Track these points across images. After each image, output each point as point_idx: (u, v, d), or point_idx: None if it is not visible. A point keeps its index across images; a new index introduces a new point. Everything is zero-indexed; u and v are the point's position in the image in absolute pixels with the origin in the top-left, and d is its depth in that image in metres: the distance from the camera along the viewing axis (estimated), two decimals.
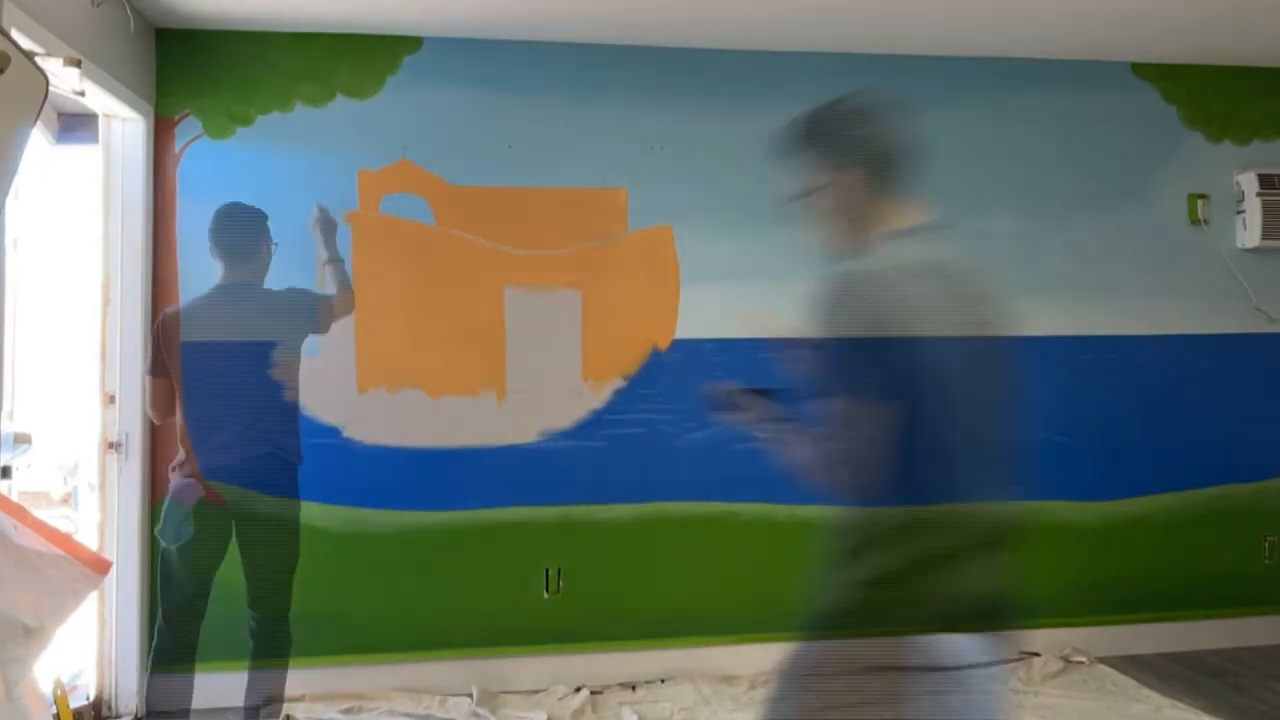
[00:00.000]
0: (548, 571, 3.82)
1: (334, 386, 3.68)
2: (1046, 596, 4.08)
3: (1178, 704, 3.50)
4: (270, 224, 3.69)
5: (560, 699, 3.60)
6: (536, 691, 3.68)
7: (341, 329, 3.69)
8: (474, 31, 3.75)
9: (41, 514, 2.59)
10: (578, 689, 3.66)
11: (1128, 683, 3.71)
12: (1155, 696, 3.57)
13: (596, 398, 3.84)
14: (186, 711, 3.26)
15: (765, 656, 3.85)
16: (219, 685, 3.58)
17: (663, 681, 3.74)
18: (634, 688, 3.70)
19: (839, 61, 4.01)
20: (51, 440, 4.13)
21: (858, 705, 1.77)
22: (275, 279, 3.34)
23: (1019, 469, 2.13)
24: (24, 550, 2.40)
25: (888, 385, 1.67)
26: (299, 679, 3.62)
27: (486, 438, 3.77)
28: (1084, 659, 3.88)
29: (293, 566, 3.23)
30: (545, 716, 3.46)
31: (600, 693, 3.67)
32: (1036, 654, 3.92)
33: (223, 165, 3.66)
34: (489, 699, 3.59)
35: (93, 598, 3.05)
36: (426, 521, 3.73)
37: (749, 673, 3.81)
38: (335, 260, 3.40)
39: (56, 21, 2.82)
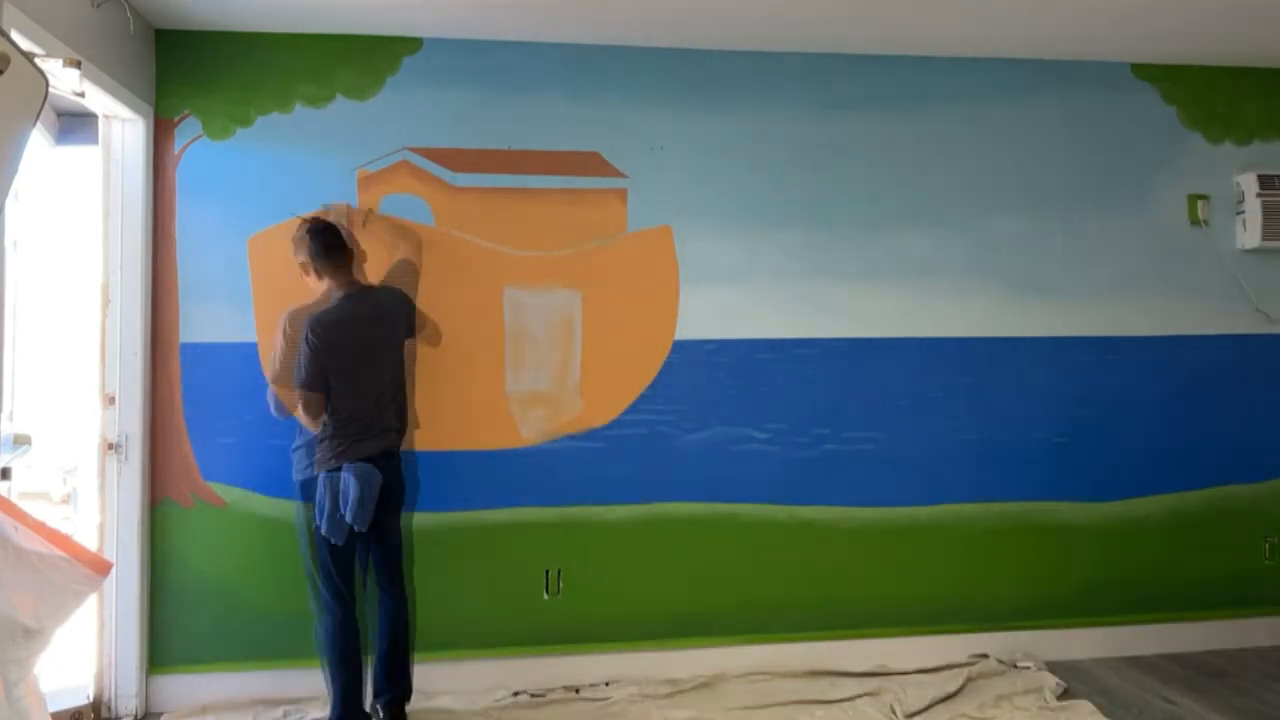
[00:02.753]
0: (547, 573, 3.82)
1: None
2: (1047, 597, 4.09)
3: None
4: (269, 225, 3.72)
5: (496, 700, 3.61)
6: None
7: None
8: (474, 32, 3.75)
9: (41, 514, 2.59)
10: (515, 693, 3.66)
11: (1048, 685, 3.67)
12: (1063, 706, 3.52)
13: (596, 398, 3.84)
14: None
15: (765, 657, 3.87)
16: (219, 685, 3.59)
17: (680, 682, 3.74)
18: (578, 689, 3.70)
19: (839, 62, 4.01)
20: (51, 441, 4.13)
21: None
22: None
23: None
24: (24, 552, 2.40)
25: None
26: (293, 682, 3.63)
27: (486, 439, 3.77)
28: (1030, 664, 3.87)
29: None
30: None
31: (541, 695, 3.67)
32: (985, 655, 3.92)
33: (222, 166, 3.66)
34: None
35: (92, 598, 3.05)
36: (425, 523, 3.73)
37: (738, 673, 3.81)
38: None
39: (56, 23, 2.82)
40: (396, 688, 3.39)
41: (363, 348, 3.29)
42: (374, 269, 3.71)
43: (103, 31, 3.19)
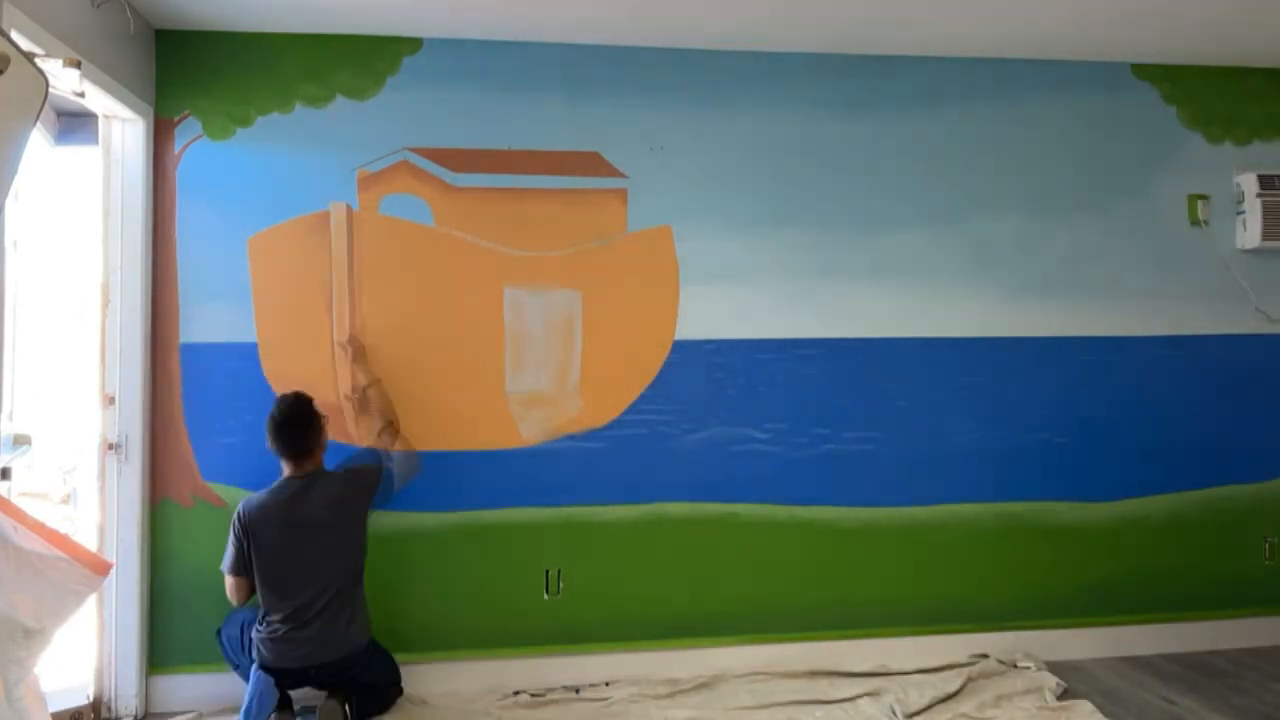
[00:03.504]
0: (547, 573, 3.82)
1: (332, 388, 3.68)
2: (1047, 598, 4.09)
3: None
4: (269, 225, 3.72)
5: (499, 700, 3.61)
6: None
7: (341, 329, 3.70)
8: (474, 32, 3.75)
9: (41, 514, 2.59)
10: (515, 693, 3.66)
11: (1048, 685, 3.66)
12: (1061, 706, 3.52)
13: (596, 398, 3.84)
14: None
15: (765, 657, 3.87)
16: (219, 685, 3.59)
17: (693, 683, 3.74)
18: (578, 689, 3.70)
19: (839, 62, 4.01)
20: (51, 441, 4.13)
21: None
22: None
23: None
24: (25, 552, 2.40)
25: None
26: None
27: (486, 439, 3.77)
28: (1030, 664, 3.86)
29: None
30: None
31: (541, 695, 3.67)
32: (985, 655, 3.92)
33: (222, 166, 3.66)
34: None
35: (92, 599, 3.05)
36: (427, 523, 3.73)
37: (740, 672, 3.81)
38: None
39: (56, 23, 2.82)
40: None
41: (290, 542, 3.26)
42: (372, 268, 3.71)
43: (103, 31, 3.19)
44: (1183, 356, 4.19)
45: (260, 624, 3.26)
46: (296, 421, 3.32)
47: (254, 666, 3.23)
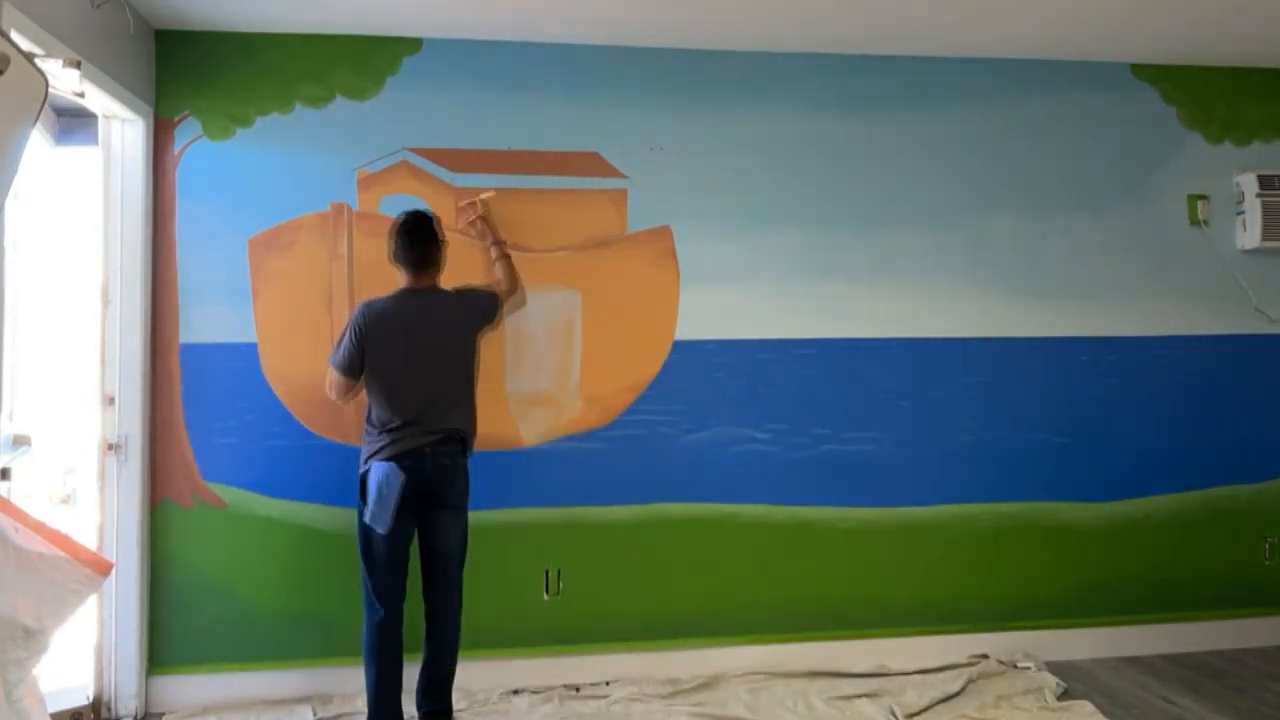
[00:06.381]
0: (548, 573, 3.82)
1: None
2: (1047, 598, 4.09)
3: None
4: (269, 225, 3.72)
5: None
6: None
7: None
8: (473, 32, 3.75)
9: (41, 514, 2.59)
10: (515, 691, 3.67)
11: (1048, 685, 3.66)
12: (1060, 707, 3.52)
13: (596, 399, 3.84)
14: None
15: (765, 658, 3.87)
16: (219, 685, 3.59)
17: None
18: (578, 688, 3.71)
19: (839, 62, 4.01)
20: (51, 441, 4.12)
21: None
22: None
23: None
24: (25, 552, 2.40)
25: None
26: (293, 682, 3.63)
27: (486, 439, 3.77)
28: (1030, 664, 3.86)
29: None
30: None
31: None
32: (985, 656, 3.92)
33: (222, 167, 3.66)
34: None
35: (92, 598, 3.05)
36: None
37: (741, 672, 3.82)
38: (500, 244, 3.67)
39: (56, 23, 2.81)
40: (428, 703, 3.32)
41: (407, 346, 3.21)
42: (372, 268, 3.71)
43: (103, 31, 3.19)
44: (1183, 356, 4.19)
45: (370, 432, 3.25)
46: (422, 231, 3.31)
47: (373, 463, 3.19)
